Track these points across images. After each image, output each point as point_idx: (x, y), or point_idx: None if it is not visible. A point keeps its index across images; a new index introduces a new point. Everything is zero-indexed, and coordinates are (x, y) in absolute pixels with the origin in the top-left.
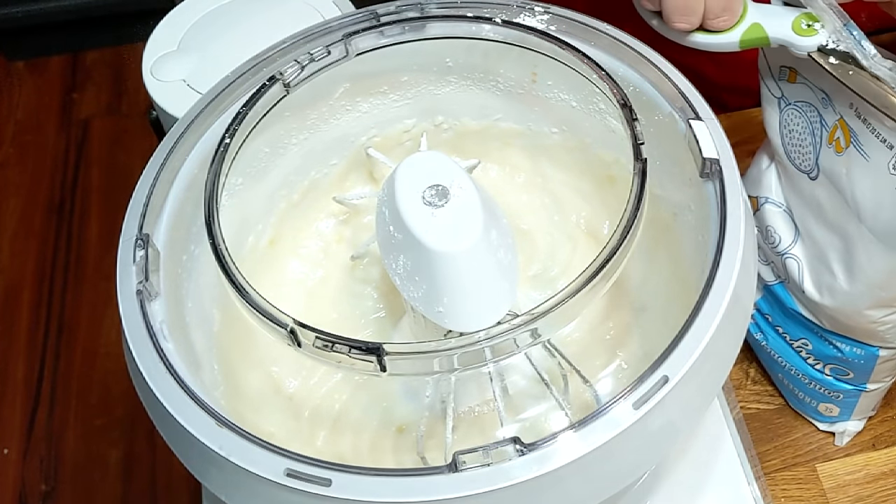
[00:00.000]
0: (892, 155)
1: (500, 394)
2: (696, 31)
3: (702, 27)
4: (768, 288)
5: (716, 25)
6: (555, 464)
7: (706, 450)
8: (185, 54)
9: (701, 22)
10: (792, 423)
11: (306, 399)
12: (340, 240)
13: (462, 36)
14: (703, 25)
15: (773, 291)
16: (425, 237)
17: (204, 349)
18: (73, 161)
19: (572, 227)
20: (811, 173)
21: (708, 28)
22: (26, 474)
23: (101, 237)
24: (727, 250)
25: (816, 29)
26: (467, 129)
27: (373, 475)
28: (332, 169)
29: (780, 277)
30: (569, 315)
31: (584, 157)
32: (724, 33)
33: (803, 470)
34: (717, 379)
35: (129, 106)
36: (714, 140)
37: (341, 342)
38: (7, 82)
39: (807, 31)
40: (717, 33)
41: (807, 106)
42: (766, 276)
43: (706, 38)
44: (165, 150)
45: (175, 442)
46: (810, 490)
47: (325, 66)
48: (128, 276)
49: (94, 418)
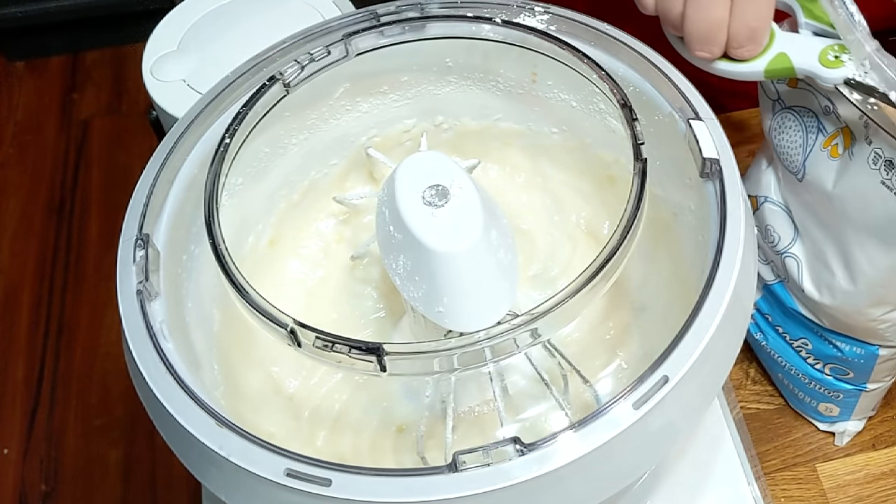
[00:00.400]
0: (872, 150)
1: (500, 394)
2: (721, 59)
3: (726, 55)
4: (768, 287)
5: (740, 55)
6: (555, 464)
7: (706, 450)
8: (185, 54)
9: (724, 50)
10: (792, 423)
11: (306, 399)
12: (340, 240)
13: (462, 36)
14: (726, 53)
15: (772, 291)
16: (425, 237)
17: (204, 349)
18: (73, 161)
19: (572, 227)
20: (797, 174)
21: (732, 57)
22: (26, 474)
23: (101, 237)
24: (727, 250)
25: (844, 61)
26: (467, 129)
27: (373, 475)
28: (332, 169)
29: (780, 277)
30: (569, 315)
31: (584, 157)
32: (749, 62)
33: (803, 470)
34: (717, 379)
35: (129, 106)
36: (714, 140)
37: (341, 342)
38: (7, 82)
39: (834, 62)
40: (741, 62)
41: (805, 111)
42: (766, 276)
43: (730, 67)
44: (165, 150)
45: (175, 442)
46: (810, 490)
47: (325, 66)
48: (128, 276)
49: (94, 418)
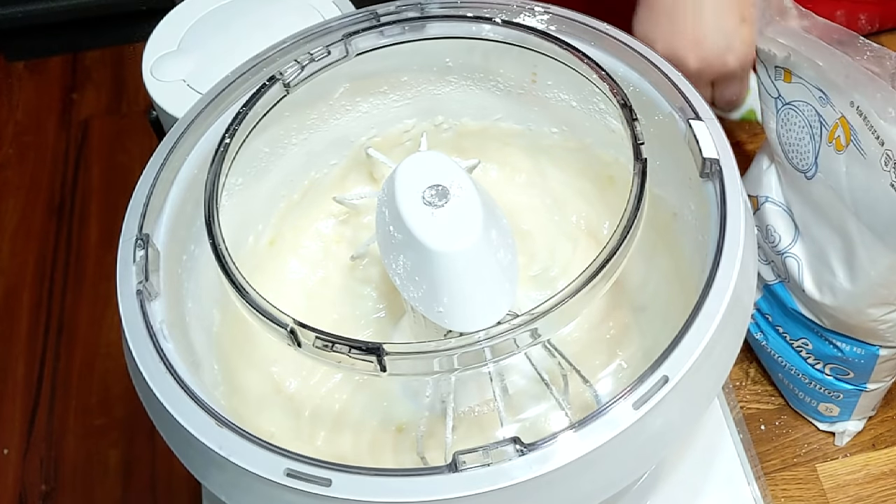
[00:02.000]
0: (883, 151)
1: (500, 394)
2: None
3: None
4: (768, 287)
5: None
6: (555, 464)
7: (706, 450)
8: (185, 54)
9: None
10: (792, 423)
11: (306, 399)
12: (340, 240)
13: (462, 36)
14: None
15: (773, 291)
16: (425, 237)
17: (204, 349)
18: (73, 161)
19: (572, 227)
20: (808, 172)
21: None
22: (26, 474)
23: (101, 237)
24: (727, 250)
25: None
26: (467, 129)
27: (373, 475)
28: (332, 169)
29: (780, 277)
30: (569, 315)
31: (584, 157)
32: None
33: (803, 470)
34: (717, 379)
35: (129, 106)
36: (714, 140)
37: (341, 342)
38: (7, 82)
39: None
40: None
41: (805, 105)
42: (767, 276)
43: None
44: (165, 150)
45: (175, 442)
46: (810, 490)
47: (325, 66)
48: (128, 276)
49: (94, 418)
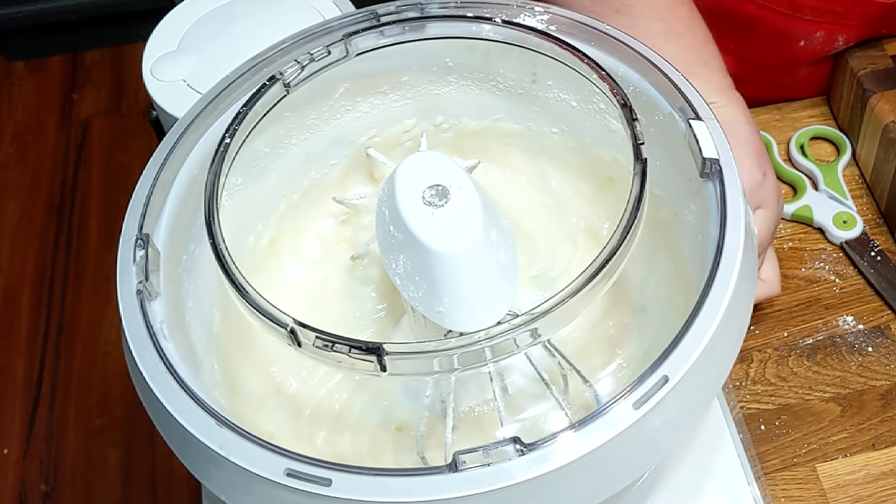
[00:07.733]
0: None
1: (500, 394)
2: None
3: None
4: None
5: None
6: (555, 464)
7: (706, 450)
8: (185, 54)
9: None
10: (792, 423)
11: (306, 399)
12: (340, 240)
13: (462, 36)
14: None
15: None
16: (425, 237)
17: (204, 349)
18: (73, 161)
19: (572, 227)
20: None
21: None
22: (26, 474)
23: (101, 237)
24: (727, 250)
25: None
26: (467, 129)
27: (373, 475)
28: (332, 169)
29: None
30: (569, 315)
31: (584, 157)
32: None
33: (803, 470)
34: (717, 379)
35: (129, 106)
36: (714, 140)
37: (341, 342)
38: (7, 82)
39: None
40: None
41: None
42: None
43: None
44: (165, 150)
45: (175, 442)
46: (810, 490)
47: (325, 66)
48: (128, 276)
49: (94, 418)
